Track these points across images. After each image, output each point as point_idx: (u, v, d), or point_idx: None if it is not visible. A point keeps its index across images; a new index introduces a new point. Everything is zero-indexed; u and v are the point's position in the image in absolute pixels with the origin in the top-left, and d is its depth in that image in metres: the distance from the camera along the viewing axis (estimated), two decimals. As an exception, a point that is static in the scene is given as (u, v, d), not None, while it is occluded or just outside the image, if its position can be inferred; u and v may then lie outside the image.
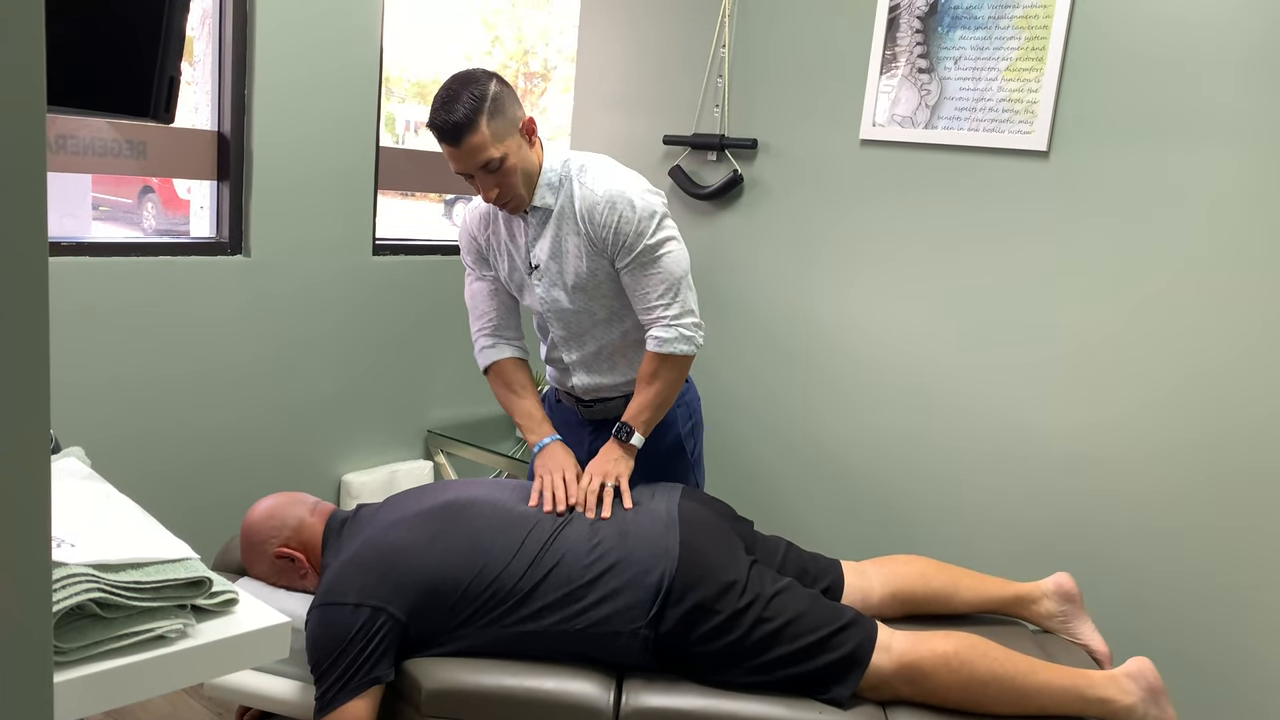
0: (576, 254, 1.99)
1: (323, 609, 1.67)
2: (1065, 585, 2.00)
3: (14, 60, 0.57)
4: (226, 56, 2.62)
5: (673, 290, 1.98)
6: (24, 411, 0.59)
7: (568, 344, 2.13)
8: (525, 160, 1.94)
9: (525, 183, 1.95)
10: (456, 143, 1.85)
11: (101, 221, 5.42)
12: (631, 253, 1.95)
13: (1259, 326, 2.29)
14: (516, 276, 2.11)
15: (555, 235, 2.00)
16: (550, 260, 2.02)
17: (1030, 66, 2.55)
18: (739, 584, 1.71)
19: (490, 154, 1.86)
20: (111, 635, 0.90)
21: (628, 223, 1.93)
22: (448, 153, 1.89)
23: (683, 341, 1.99)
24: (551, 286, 2.05)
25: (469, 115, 1.83)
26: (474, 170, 1.89)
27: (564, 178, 1.99)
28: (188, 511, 2.71)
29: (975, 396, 2.74)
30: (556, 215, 1.99)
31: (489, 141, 1.85)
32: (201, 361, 2.67)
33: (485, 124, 1.84)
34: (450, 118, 1.84)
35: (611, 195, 1.94)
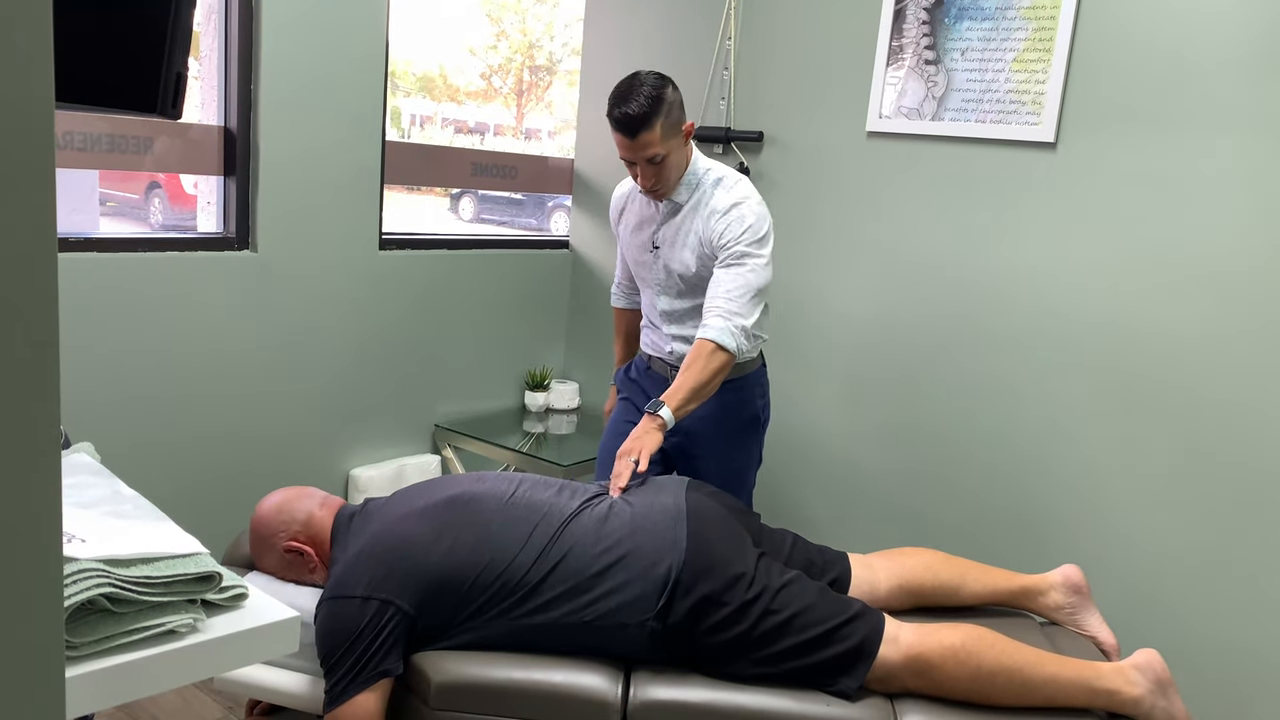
0: (692, 250, 2.26)
1: (331, 602, 1.68)
2: (1073, 577, 2.00)
3: (22, 57, 0.57)
4: (232, 52, 2.63)
5: (743, 294, 2.16)
6: (34, 407, 0.59)
7: (668, 318, 2.39)
8: (680, 159, 2.23)
9: (675, 177, 2.24)
10: (632, 135, 2.12)
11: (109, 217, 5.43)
12: (726, 250, 2.18)
13: (1267, 317, 2.28)
14: (636, 253, 2.40)
15: (680, 228, 2.28)
16: (668, 247, 2.31)
17: (1037, 58, 2.54)
18: (747, 576, 1.72)
19: (657, 150, 2.14)
20: (122, 630, 0.90)
21: (733, 228, 2.18)
22: (620, 141, 2.16)
23: (728, 335, 2.12)
24: (665, 269, 2.33)
25: (647, 114, 2.10)
26: (639, 160, 2.16)
27: (701, 182, 2.27)
28: (196, 506, 2.72)
29: (981, 388, 2.74)
30: (685, 211, 2.27)
31: (658, 140, 2.13)
32: (209, 357, 2.68)
33: (659, 125, 2.12)
34: (630, 111, 2.10)
35: (733, 205, 2.20)
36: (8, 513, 0.59)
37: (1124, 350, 2.49)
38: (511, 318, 3.54)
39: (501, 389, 3.58)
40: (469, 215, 6.43)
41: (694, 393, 2.11)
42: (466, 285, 3.34)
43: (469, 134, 4.93)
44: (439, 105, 4.62)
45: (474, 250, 3.37)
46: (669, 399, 2.10)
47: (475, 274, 3.37)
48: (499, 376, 3.55)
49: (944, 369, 2.81)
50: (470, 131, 4.91)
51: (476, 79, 4.11)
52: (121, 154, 2.52)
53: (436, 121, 5.05)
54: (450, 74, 4.04)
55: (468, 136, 4.95)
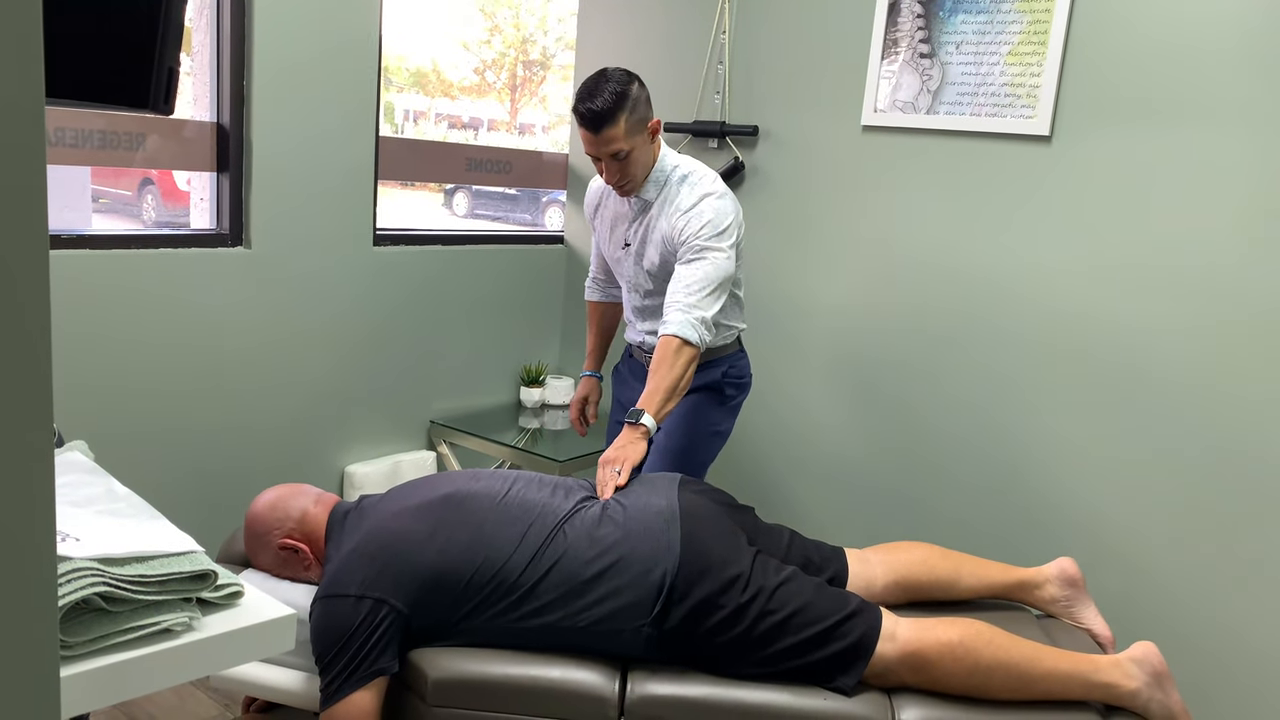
0: (656, 246, 2.30)
1: (326, 601, 1.68)
2: (1068, 570, 2.00)
3: (12, 53, 0.57)
4: (225, 47, 2.61)
5: (701, 287, 2.16)
6: (27, 406, 0.59)
7: (640, 314, 2.46)
8: (646, 155, 2.24)
9: (641, 174, 2.25)
10: (596, 130, 2.14)
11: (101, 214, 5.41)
12: (685, 246, 2.20)
13: (1263, 310, 2.28)
14: (611, 248, 2.45)
15: (647, 225, 2.32)
16: (639, 244, 2.34)
17: (1032, 51, 2.54)
18: (743, 577, 1.71)
19: (620, 146, 2.16)
20: (117, 629, 0.90)
21: (692, 224, 2.20)
22: (584, 136, 2.18)
23: (689, 328, 2.13)
24: (635, 266, 2.37)
25: (611, 109, 2.12)
26: (603, 156, 2.19)
27: (669, 179, 2.29)
28: (190, 503, 2.71)
29: (975, 380, 2.74)
30: (653, 208, 2.30)
31: (622, 135, 2.15)
32: (203, 354, 2.67)
33: (623, 120, 2.14)
34: (594, 107, 2.12)
35: (695, 201, 2.22)
36: (1, 512, 0.59)
37: (1118, 343, 2.49)
38: (506, 313, 3.53)
39: (497, 385, 3.57)
40: (463, 211, 6.42)
41: (670, 392, 2.12)
42: (461, 281, 3.34)
43: (462, 129, 4.92)
44: (432, 100, 4.61)
45: (469, 246, 3.36)
46: (647, 405, 2.10)
47: (470, 270, 3.36)
48: (494, 372, 3.55)
49: (938, 362, 2.81)
50: (464, 127, 4.90)
51: (470, 74, 4.09)
52: (114, 150, 2.51)
53: (430, 117, 5.04)
54: (444, 69, 4.03)
55: (461, 132, 4.94)
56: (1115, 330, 2.49)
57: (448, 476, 1.93)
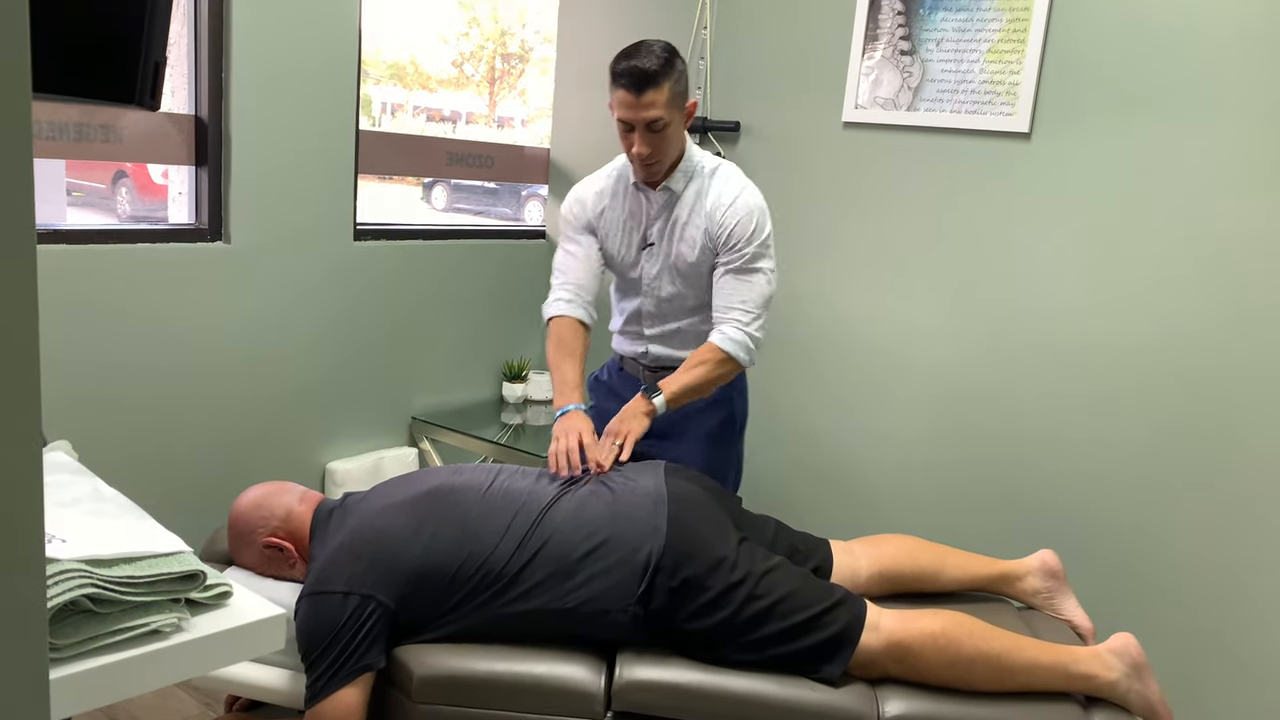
0: (691, 244, 2.13)
1: (312, 598, 1.67)
2: (1049, 562, 2.02)
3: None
4: (203, 39, 2.59)
5: (760, 304, 2.10)
6: (14, 405, 0.58)
7: (653, 320, 2.26)
8: (679, 136, 2.08)
9: (671, 156, 2.09)
10: (639, 91, 1.96)
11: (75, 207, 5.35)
12: (736, 254, 2.08)
13: (1242, 306, 2.31)
14: (626, 253, 2.22)
15: (679, 220, 2.13)
16: (664, 241, 2.16)
17: (1012, 49, 2.55)
18: (729, 560, 1.72)
19: (660, 113, 1.98)
20: (106, 631, 0.89)
21: (744, 229, 2.07)
22: (621, 99, 1.99)
23: (743, 350, 2.08)
24: (658, 264, 2.18)
25: (658, 71, 1.96)
26: (639, 123, 1.99)
27: (697, 171, 2.13)
28: (170, 501, 2.69)
29: (955, 377, 2.76)
30: (680, 202, 2.13)
31: (664, 102, 1.97)
32: (182, 349, 2.65)
33: (669, 86, 1.98)
34: (640, 65, 1.95)
35: (740, 200, 2.09)
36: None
37: (1099, 338, 2.52)
38: (488, 309, 3.52)
39: (479, 380, 3.56)
40: (441, 204, 6.39)
41: (692, 390, 2.07)
42: (442, 276, 3.32)
43: (441, 122, 4.89)
44: (410, 93, 4.58)
45: (450, 241, 3.35)
46: (666, 386, 2.05)
47: (451, 265, 3.35)
48: (476, 368, 3.54)
49: (919, 357, 2.82)
50: (442, 120, 4.88)
51: (448, 66, 4.07)
52: (90, 143, 2.48)
53: (408, 109, 5.00)
54: (421, 62, 4.00)
55: (439, 124, 4.91)
56: (1096, 325, 2.52)
57: (432, 472, 1.92)
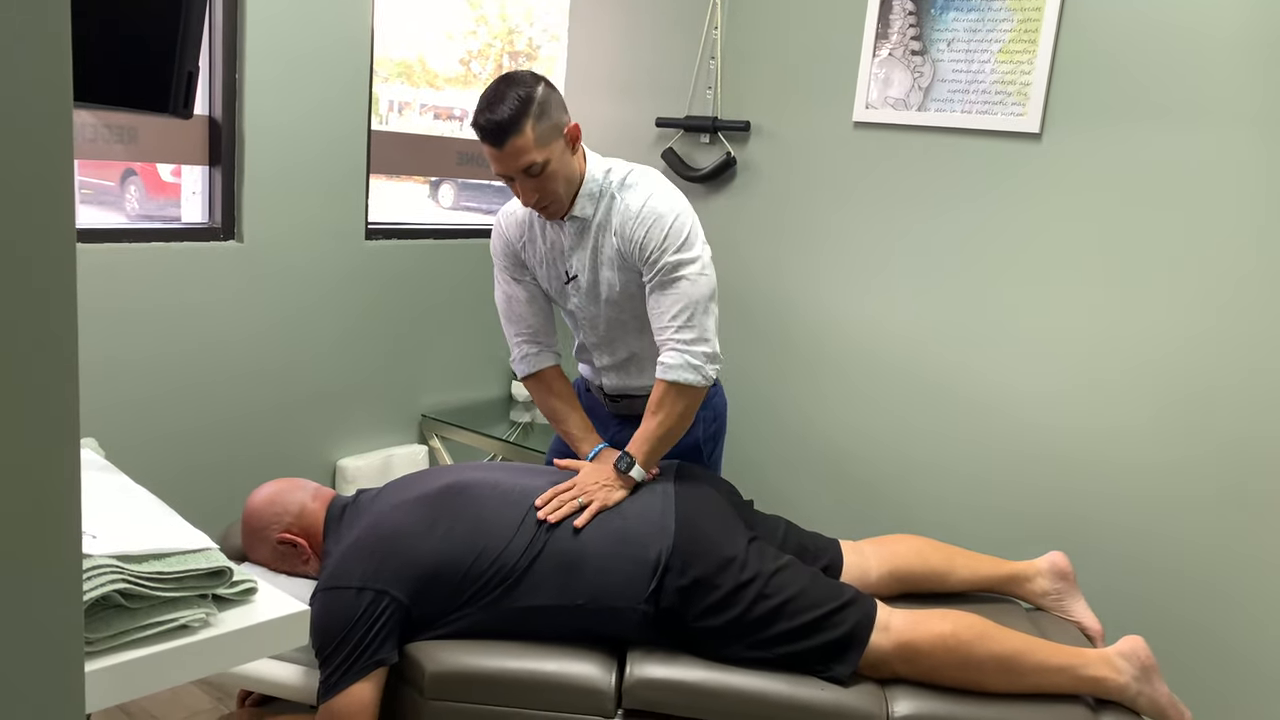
0: (610, 266, 1.98)
1: (326, 593, 1.69)
2: (1059, 564, 2.03)
3: (40, 58, 0.57)
4: (217, 40, 2.60)
5: (687, 312, 1.89)
6: (54, 403, 0.59)
7: (599, 349, 2.13)
8: (567, 167, 1.90)
9: (566, 190, 1.92)
10: (500, 144, 1.82)
11: (84, 205, 5.36)
12: (654, 268, 1.91)
13: (1252, 307, 2.32)
14: (554, 284, 2.09)
15: (593, 246, 1.98)
16: (587, 271, 2.00)
17: (1023, 49, 2.56)
18: (739, 559, 1.74)
19: (533, 158, 1.83)
20: (136, 625, 0.91)
21: (653, 238, 1.89)
22: (490, 154, 1.86)
23: (689, 370, 1.89)
24: (586, 296, 2.04)
25: (514, 117, 1.80)
26: (515, 173, 1.86)
27: (604, 188, 1.96)
28: (183, 497, 2.70)
29: (966, 379, 2.77)
30: (595, 227, 1.96)
31: (532, 145, 1.82)
32: (194, 348, 2.67)
33: (530, 127, 1.81)
34: (494, 118, 1.81)
35: (647, 208, 1.91)
36: (30, 509, 0.60)
37: (1107, 338, 2.52)
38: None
39: (487, 379, 3.57)
40: (449, 202, 6.39)
41: (663, 440, 1.93)
42: (453, 275, 3.34)
43: (448, 120, 4.90)
44: (417, 91, 4.59)
45: (460, 240, 3.36)
46: (637, 452, 1.90)
47: (461, 263, 3.36)
48: (485, 366, 3.55)
49: (928, 357, 2.83)
50: (449, 117, 4.88)
51: (455, 64, 4.08)
52: (106, 143, 2.50)
53: (415, 107, 5.01)
54: (429, 60, 4.02)
55: (446, 123, 4.92)
56: (1105, 325, 2.52)
57: (445, 469, 1.94)
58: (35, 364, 0.59)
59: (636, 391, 2.14)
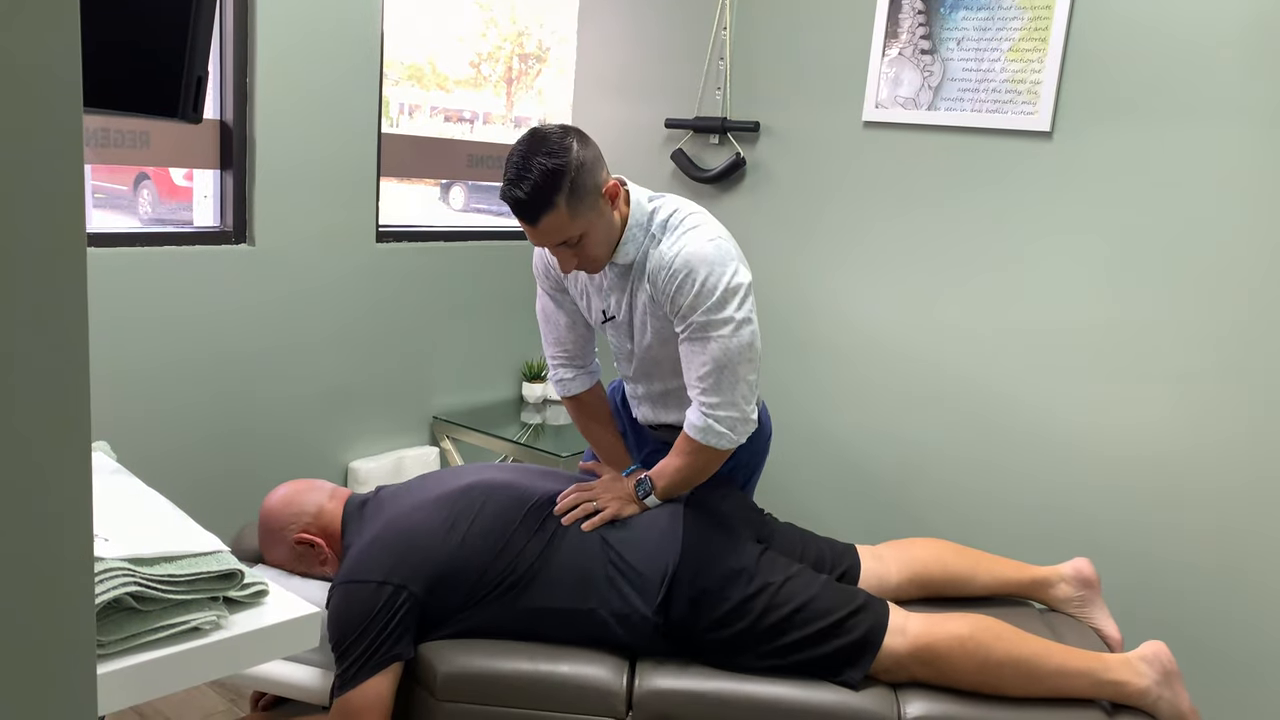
0: (645, 312, 1.88)
1: (346, 587, 1.69)
2: (1084, 570, 2.01)
3: (50, 64, 0.58)
4: (228, 45, 2.61)
5: (714, 376, 1.78)
6: (67, 406, 0.60)
7: (636, 382, 2.06)
8: (607, 228, 1.78)
9: (607, 249, 1.80)
10: (534, 222, 1.70)
11: (97, 209, 5.40)
12: (685, 321, 1.79)
13: (1263, 306, 2.30)
14: (594, 315, 2.00)
15: (630, 290, 1.88)
16: (624, 312, 1.92)
17: (1033, 47, 2.55)
18: (747, 571, 1.73)
19: (569, 233, 1.72)
20: (148, 628, 0.91)
21: (684, 294, 1.76)
22: (525, 228, 1.74)
23: (712, 434, 1.81)
24: (623, 336, 1.97)
25: (545, 195, 1.66)
26: (548, 246, 1.76)
27: (650, 229, 1.84)
28: (196, 500, 2.71)
29: (978, 378, 2.76)
30: (634, 270, 1.86)
31: (567, 221, 1.69)
32: (207, 351, 2.68)
33: (564, 202, 1.68)
34: (523, 197, 1.67)
35: (679, 263, 1.76)
36: (41, 512, 0.60)
37: (1122, 337, 2.51)
38: (508, 309, 3.54)
39: (499, 380, 3.58)
40: (459, 204, 6.42)
41: (684, 484, 1.88)
42: (463, 277, 3.34)
43: (458, 123, 4.91)
44: (427, 93, 4.60)
45: (471, 241, 3.37)
46: (659, 479, 1.87)
47: (472, 265, 3.37)
48: (496, 368, 3.56)
49: (940, 358, 2.82)
50: (460, 120, 4.90)
51: (465, 67, 4.09)
52: (118, 148, 2.51)
53: (425, 110, 5.03)
54: (439, 62, 4.03)
55: (456, 125, 4.93)
56: (1118, 324, 2.51)
57: (466, 469, 1.95)
58: (46, 368, 0.59)
59: (671, 423, 2.05)
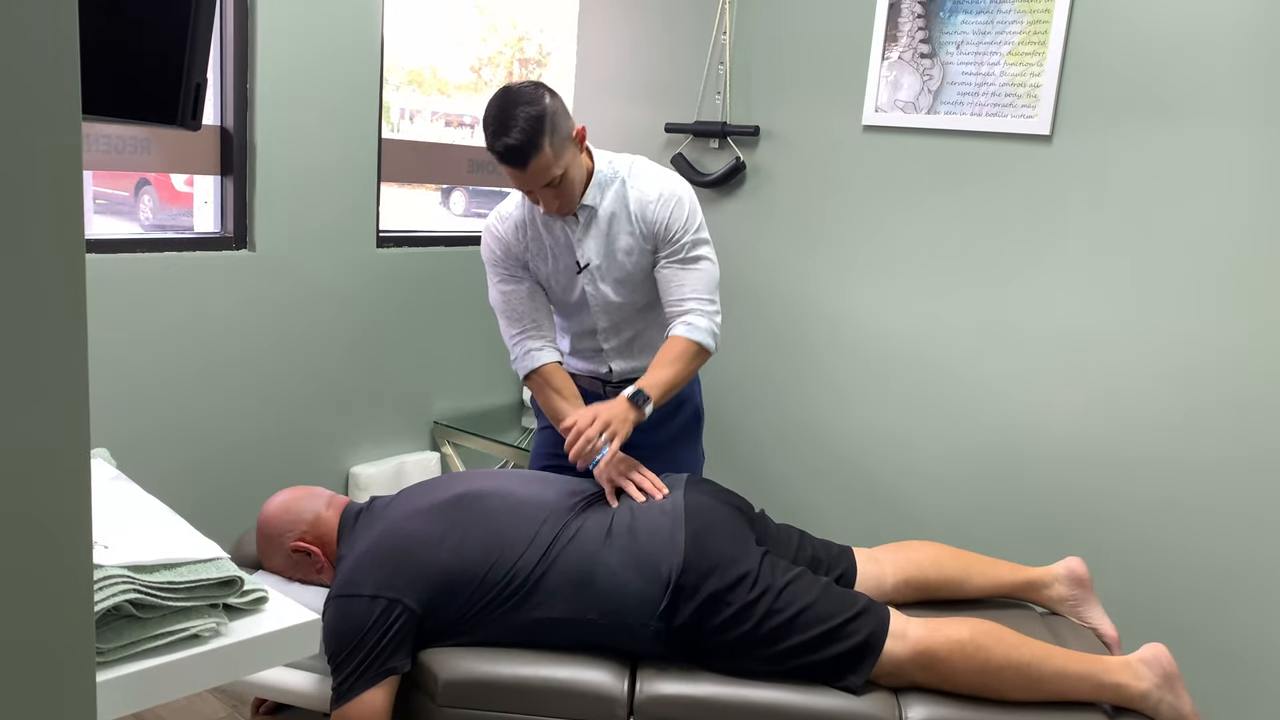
0: (627, 251, 2.07)
1: (339, 600, 1.69)
2: (1076, 570, 2.01)
3: (49, 71, 0.58)
4: (228, 50, 2.62)
5: (713, 290, 2.06)
6: (65, 413, 0.60)
7: (608, 334, 2.19)
8: (579, 169, 1.99)
9: (580, 189, 2.01)
10: (523, 166, 1.87)
11: (99, 215, 5.41)
12: (676, 245, 2.03)
13: (1265, 310, 2.30)
14: (562, 276, 2.13)
15: (606, 233, 2.06)
16: (600, 258, 2.08)
17: (1033, 50, 2.55)
18: (751, 575, 1.73)
19: (554, 172, 1.90)
20: (148, 635, 0.91)
21: (676, 219, 2.02)
22: (510, 173, 1.92)
23: (709, 335, 2.04)
24: (599, 282, 2.10)
25: (532, 138, 1.85)
26: (537, 187, 1.93)
27: (610, 178, 2.06)
28: (195, 506, 2.71)
29: (977, 382, 2.75)
30: (606, 214, 2.05)
31: (552, 161, 1.89)
32: (207, 356, 2.68)
33: (548, 144, 1.86)
34: (512, 142, 1.85)
35: (665, 192, 2.04)
36: (41, 520, 0.60)
37: (1120, 340, 2.51)
38: (508, 314, 3.54)
39: (499, 385, 3.58)
40: (460, 209, 6.43)
41: (673, 387, 2.00)
42: (464, 282, 3.34)
43: (459, 127, 4.92)
44: (428, 98, 4.61)
45: (471, 247, 3.37)
46: (651, 389, 1.95)
47: (472, 271, 3.36)
48: (497, 373, 3.56)
49: (940, 360, 2.82)
50: (460, 124, 4.91)
51: (465, 72, 4.10)
52: (119, 154, 2.52)
53: (426, 115, 5.03)
54: (439, 67, 4.03)
55: (457, 129, 4.94)
56: (1117, 327, 2.51)
57: (460, 476, 1.94)
58: (45, 373, 0.59)
59: (641, 368, 2.16)
